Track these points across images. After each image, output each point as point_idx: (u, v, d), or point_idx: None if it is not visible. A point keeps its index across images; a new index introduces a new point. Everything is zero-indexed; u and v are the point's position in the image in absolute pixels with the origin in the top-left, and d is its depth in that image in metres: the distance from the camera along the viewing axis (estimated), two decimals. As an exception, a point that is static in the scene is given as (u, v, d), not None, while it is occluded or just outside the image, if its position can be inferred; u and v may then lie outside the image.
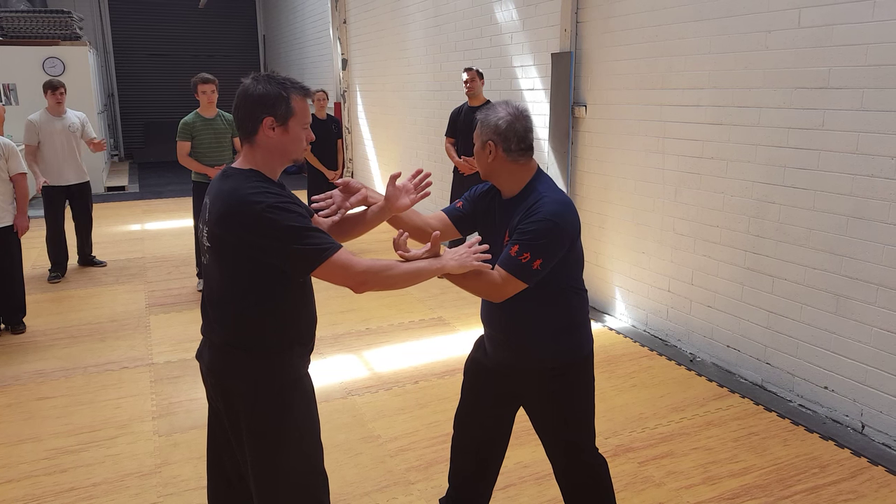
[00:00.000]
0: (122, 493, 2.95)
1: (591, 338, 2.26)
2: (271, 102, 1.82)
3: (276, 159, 1.89)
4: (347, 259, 1.78)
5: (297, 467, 1.97)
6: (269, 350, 1.91)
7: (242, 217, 1.76)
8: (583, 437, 2.27)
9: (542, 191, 2.10)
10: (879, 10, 3.19)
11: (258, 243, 1.77)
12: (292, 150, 1.89)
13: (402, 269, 1.86)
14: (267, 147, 1.86)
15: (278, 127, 1.84)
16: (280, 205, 1.76)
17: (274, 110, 1.82)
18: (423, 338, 4.81)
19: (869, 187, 3.32)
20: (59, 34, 10.79)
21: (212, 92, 5.52)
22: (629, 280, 5.01)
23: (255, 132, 1.85)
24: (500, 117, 2.10)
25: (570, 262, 2.13)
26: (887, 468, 3.14)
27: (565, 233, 2.03)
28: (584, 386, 2.24)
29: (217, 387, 1.97)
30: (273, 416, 1.92)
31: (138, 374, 4.18)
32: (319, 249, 1.76)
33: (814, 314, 3.65)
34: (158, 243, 7.65)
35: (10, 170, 4.67)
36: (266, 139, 1.85)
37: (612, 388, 3.96)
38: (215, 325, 1.93)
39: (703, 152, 4.21)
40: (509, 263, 2.00)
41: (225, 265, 1.87)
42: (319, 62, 12.48)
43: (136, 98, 16.45)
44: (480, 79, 5.72)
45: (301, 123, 1.88)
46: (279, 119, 1.83)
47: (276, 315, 1.90)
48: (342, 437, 3.40)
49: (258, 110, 1.82)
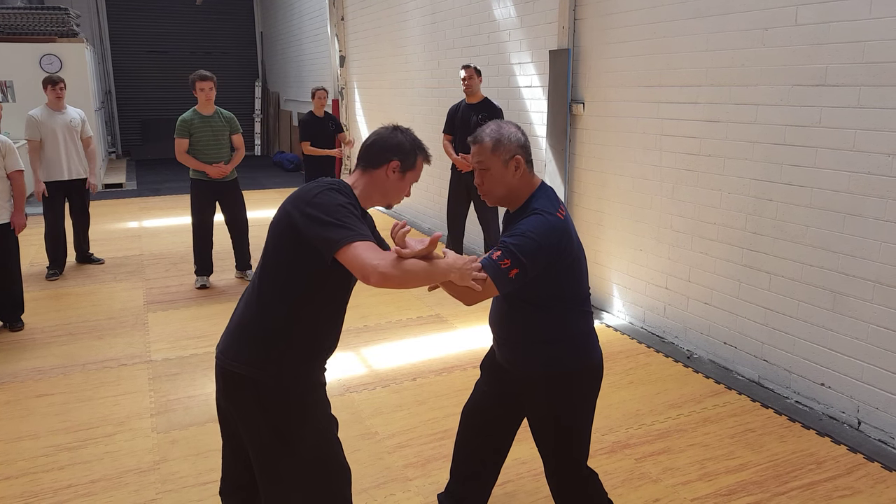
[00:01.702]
0: (121, 490, 2.95)
1: (590, 353, 2.22)
2: (406, 151, 2.03)
3: (377, 195, 2.04)
4: (375, 250, 1.80)
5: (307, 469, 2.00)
6: (290, 354, 1.95)
7: (308, 192, 1.89)
8: (571, 449, 2.26)
9: (535, 206, 2.12)
10: (876, 8, 3.19)
11: (305, 210, 1.84)
12: (392, 196, 2.07)
13: (419, 269, 1.86)
14: (377, 182, 2.03)
15: (398, 172, 2.03)
16: (343, 192, 1.90)
17: (404, 158, 2.03)
18: (422, 335, 4.81)
19: (866, 184, 3.33)
20: (56, 31, 10.75)
21: (210, 89, 5.51)
22: (626, 277, 5.02)
23: (377, 167, 2.02)
24: (513, 132, 2.15)
25: (558, 278, 2.12)
26: (883, 464, 3.16)
27: (541, 250, 2.02)
28: (577, 399, 2.23)
29: (227, 373, 1.99)
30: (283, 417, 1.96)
31: (136, 372, 4.18)
32: (351, 232, 1.80)
33: (810, 311, 3.67)
34: (156, 240, 7.64)
35: (7, 167, 4.66)
36: (383, 176, 2.02)
37: (610, 384, 3.97)
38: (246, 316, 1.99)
39: (701, 149, 4.22)
40: (489, 266, 2.00)
41: (275, 259, 1.93)
42: (317, 59, 12.47)
43: (133, 95, 16.41)
44: (478, 76, 5.71)
45: (413, 180, 2.09)
46: (403, 167, 2.03)
47: (309, 323, 1.95)
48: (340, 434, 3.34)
49: (392, 152, 2.02)
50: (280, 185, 11.90)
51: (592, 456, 3.13)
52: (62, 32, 10.79)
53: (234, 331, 1.99)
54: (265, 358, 1.93)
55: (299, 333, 1.95)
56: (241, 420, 1.98)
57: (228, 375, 1.97)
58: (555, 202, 2.15)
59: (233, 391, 1.98)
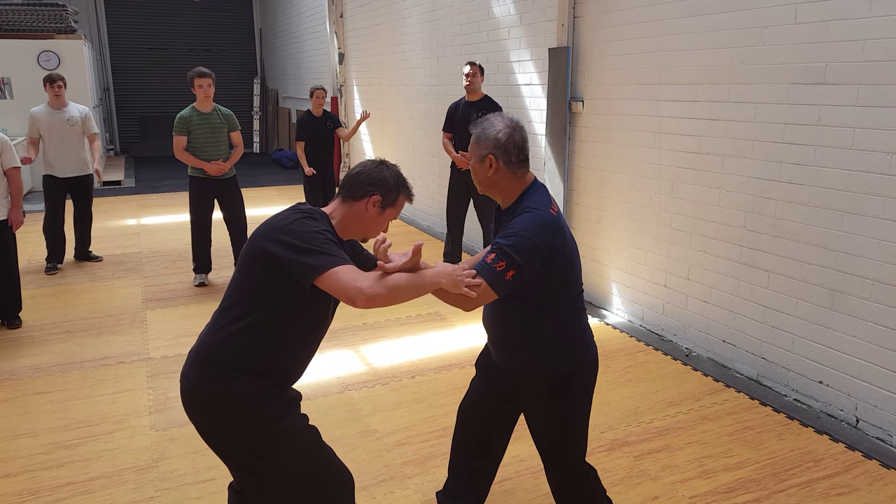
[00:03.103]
0: (120, 488, 2.95)
1: (586, 351, 2.22)
2: (388, 187, 2.02)
3: (355, 228, 2.03)
4: (355, 272, 1.79)
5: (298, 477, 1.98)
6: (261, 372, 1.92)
7: (280, 220, 1.88)
8: (570, 445, 2.27)
9: (527, 204, 2.09)
10: (876, 6, 3.19)
11: (280, 238, 1.83)
12: (369, 230, 2.06)
13: (405, 283, 1.83)
14: (355, 214, 2.01)
15: (378, 207, 2.01)
16: (317, 219, 1.89)
17: (385, 194, 2.01)
18: (420, 333, 4.81)
19: (864, 183, 3.33)
20: (54, 27, 10.73)
21: (208, 86, 5.49)
22: (625, 275, 5.02)
23: (359, 199, 2.01)
24: (499, 130, 2.10)
25: (553, 276, 2.10)
26: (881, 462, 3.16)
27: (537, 249, 2.00)
28: (576, 397, 2.23)
29: (182, 392, 1.98)
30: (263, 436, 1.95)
31: (135, 369, 4.18)
32: (329, 257, 1.79)
33: (809, 309, 3.67)
34: (155, 238, 7.64)
35: (4, 164, 4.65)
36: (363, 209, 2.01)
37: (608, 382, 3.97)
38: (204, 335, 1.97)
39: (700, 148, 4.22)
40: (484, 270, 1.98)
41: (248, 279, 1.91)
42: (316, 57, 12.45)
43: (131, 92, 16.37)
44: (481, 74, 5.71)
45: (391, 217, 2.07)
46: (384, 203, 2.02)
47: (280, 342, 1.92)
48: (339, 432, 3.40)
49: (375, 186, 2.00)
50: (278, 182, 11.89)
51: (591, 454, 3.13)
52: (60, 29, 10.77)
53: (199, 354, 1.94)
54: (229, 382, 1.88)
55: (267, 360, 1.91)
56: (210, 443, 1.97)
57: (193, 399, 1.94)
58: (547, 199, 2.12)
59: (198, 415, 1.95)
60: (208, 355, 1.92)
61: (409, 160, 8.64)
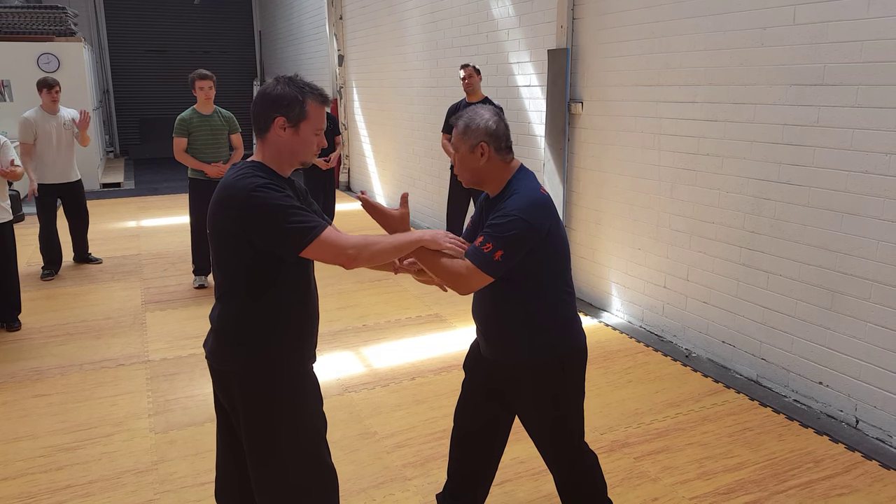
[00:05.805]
0: (119, 491, 2.95)
1: (577, 337, 2.24)
2: (286, 103, 1.86)
3: (285, 159, 1.92)
4: (336, 236, 1.82)
5: (293, 463, 1.98)
6: (260, 344, 1.93)
7: (233, 200, 1.81)
8: (570, 435, 2.27)
9: (516, 188, 2.13)
10: (874, 7, 3.20)
11: (249, 225, 1.80)
12: (301, 153, 1.93)
13: (386, 242, 1.90)
14: (276, 146, 1.90)
15: (289, 128, 1.88)
16: (268, 185, 1.81)
17: (287, 111, 1.86)
18: (420, 334, 4.81)
19: (863, 183, 3.33)
20: (54, 30, 10.73)
21: (209, 88, 5.50)
22: (625, 276, 5.02)
23: (266, 130, 1.89)
24: (487, 119, 2.14)
25: (545, 258, 2.12)
26: (881, 462, 3.16)
27: (531, 227, 2.03)
28: (566, 384, 2.24)
29: (214, 371, 2.01)
30: (264, 408, 1.94)
31: (134, 372, 4.18)
32: (307, 228, 1.80)
33: (809, 310, 3.67)
34: (154, 240, 7.63)
35: (3, 163, 4.66)
36: (276, 138, 1.89)
37: (608, 383, 3.97)
38: (215, 313, 1.99)
39: (699, 149, 4.22)
40: (473, 253, 2.02)
41: (223, 255, 1.90)
42: (316, 58, 12.45)
43: (131, 94, 16.38)
44: (478, 75, 5.71)
45: (313, 128, 1.91)
46: (291, 120, 1.87)
47: (271, 310, 1.92)
48: (339, 434, 3.40)
49: (272, 109, 1.87)
50: (278, 184, 11.87)
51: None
52: (60, 31, 10.77)
53: (214, 330, 1.99)
54: (247, 355, 1.92)
55: (276, 322, 1.94)
56: (234, 415, 2.00)
57: (217, 375, 2.00)
58: (535, 182, 2.17)
59: (224, 389, 2.00)
60: (221, 330, 1.98)
61: (408, 161, 8.64)
